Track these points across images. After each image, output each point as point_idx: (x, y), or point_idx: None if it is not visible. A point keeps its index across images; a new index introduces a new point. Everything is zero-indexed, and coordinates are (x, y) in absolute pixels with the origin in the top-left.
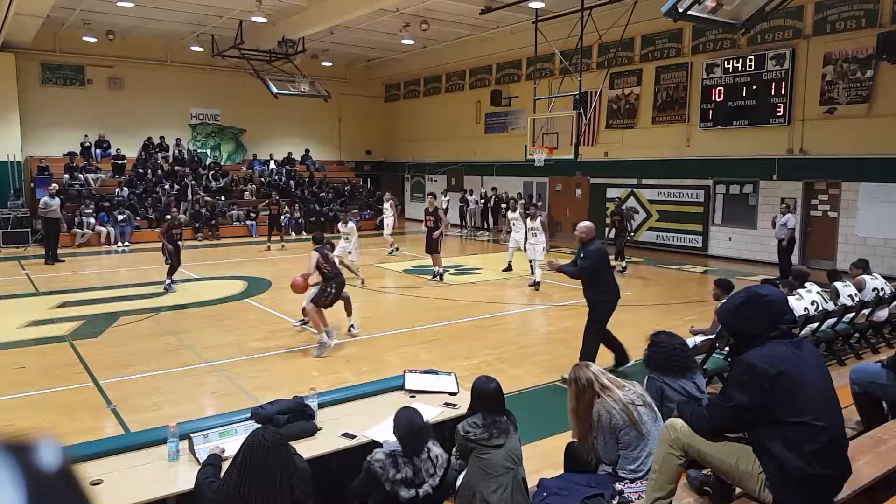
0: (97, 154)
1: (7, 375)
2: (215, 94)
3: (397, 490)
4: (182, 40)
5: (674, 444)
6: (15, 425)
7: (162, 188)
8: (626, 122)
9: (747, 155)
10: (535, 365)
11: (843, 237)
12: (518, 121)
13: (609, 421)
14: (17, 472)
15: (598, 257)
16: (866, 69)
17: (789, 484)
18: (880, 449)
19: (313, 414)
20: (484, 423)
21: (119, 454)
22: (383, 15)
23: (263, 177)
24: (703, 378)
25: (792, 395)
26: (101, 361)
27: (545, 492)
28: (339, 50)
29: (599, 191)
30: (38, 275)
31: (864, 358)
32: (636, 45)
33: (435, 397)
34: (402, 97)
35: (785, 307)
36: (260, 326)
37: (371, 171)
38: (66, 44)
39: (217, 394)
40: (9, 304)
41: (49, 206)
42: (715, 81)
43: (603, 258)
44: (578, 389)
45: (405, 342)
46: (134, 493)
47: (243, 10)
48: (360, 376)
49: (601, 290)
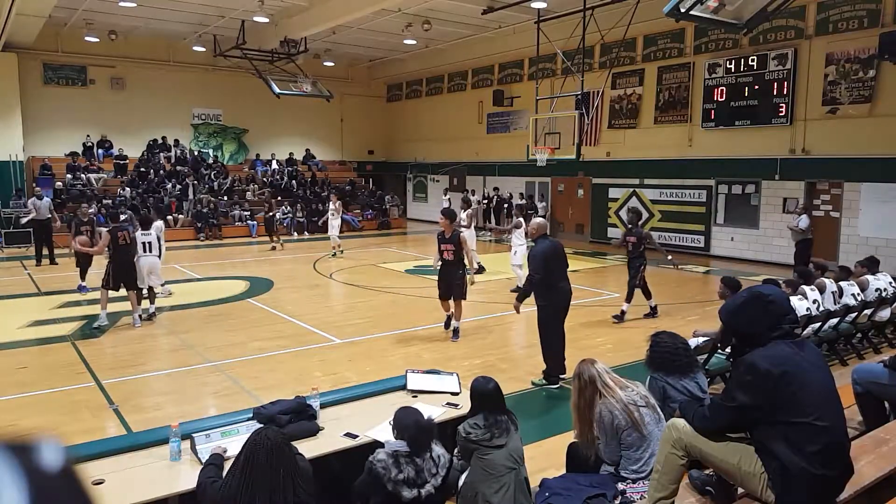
0: (99, 154)
1: (9, 375)
2: (217, 94)
3: (399, 490)
4: (184, 40)
5: (676, 444)
6: (17, 425)
7: (164, 188)
8: (628, 122)
9: (749, 155)
10: (538, 365)
11: (846, 237)
12: (520, 121)
13: (611, 421)
14: (19, 472)
15: (534, 261)
16: (868, 69)
17: (791, 484)
18: (882, 449)
19: (315, 414)
20: (485, 424)
21: (121, 454)
22: (385, 15)
23: (266, 177)
24: (705, 378)
25: (794, 395)
26: (103, 361)
27: (547, 492)
28: (342, 50)
29: (601, 191)
30: (39, 275)
31: (867, 358)
32: (638, 45)
33: (437, 397)
34: (404, 97)
35: (787, 307)
36: (262, 326)
37: (373, 171)
38: (69, 44)
39: (219, 394)
40: (11, 303)
41: (36, 208)
42: (717, 81)
43: (541, 259)
44: (580, 385)
45: (407, 342)
46: (136, 493)
47: (245, 10)
48: (362, 376)
49: (540, 294)
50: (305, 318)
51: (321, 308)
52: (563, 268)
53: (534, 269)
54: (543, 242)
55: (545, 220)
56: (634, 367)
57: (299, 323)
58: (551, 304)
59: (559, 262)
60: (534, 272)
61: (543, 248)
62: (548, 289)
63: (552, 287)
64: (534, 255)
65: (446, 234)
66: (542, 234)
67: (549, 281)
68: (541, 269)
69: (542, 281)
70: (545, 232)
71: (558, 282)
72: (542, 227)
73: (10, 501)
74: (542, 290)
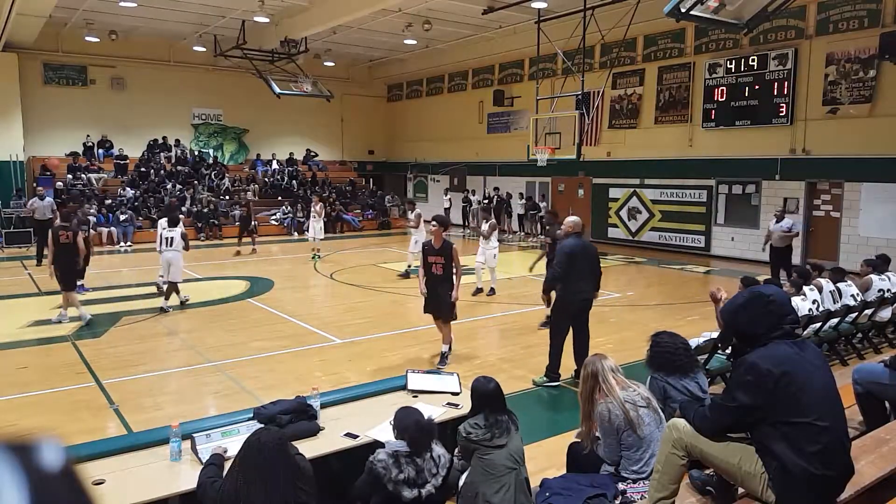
0: (100, 154)
1: (9, 375)
2: (218, 94)
3: (400, 490)
4: (184, 40)
5: (676, 445)
6: (17, 425)
7: (164, 188)
8: (628, 122)
9: (750, 155)
10: (539, 365)
11: (846, 237)
12: (521, 121)
13: (610, 421)
14: (19, 472)
15: (560, 256)
16: (869, 69)
17: (792, 484)
18: (883, 449)
19: (315, 414)
20: (486, 424)
21: (121, 454)
22: (386, 15)
23: (266, 177)
24: (705, 378)
25: (795, 395)
26: (103, 361)
27: (548, 492)
28: (342, 50)
29: (602, 191)
30: (40, 275)
31: (867, 358)
32: (639, 45)
33: (437, 397)
34: (404, 97)
35: (788, 307)
36: (262, 326)
37: (374, 171)
38: (69, 44)
39: (219, 394)
40: (11, 303)
41: (36, 207)
42: (717, 81)
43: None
44: (584, 376)
45: (407, 342)
46: (136, 493)
47: (246, 10)
48: (363, 376)
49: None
50: (306, 318)
51: (321, 308)
52: (586, 269)
53: (556, 263)
54: (572, 240)
55: (579, 219)
56: (635, 367)
57: (300, 323)
58: (564, 303)
59: (584, 263)
60: (556, 266)
61: (571, 246)
62: (565, 287)
63: (569, 287)
64: (560, 250)
65: (435, 245)
66: (576, 232)
67: (569, 280)
68: (563, 266)
69: (563, 278)
70: (578, 230)
71: (576, 282)
72: (576, 225)
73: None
74: (562, 286)
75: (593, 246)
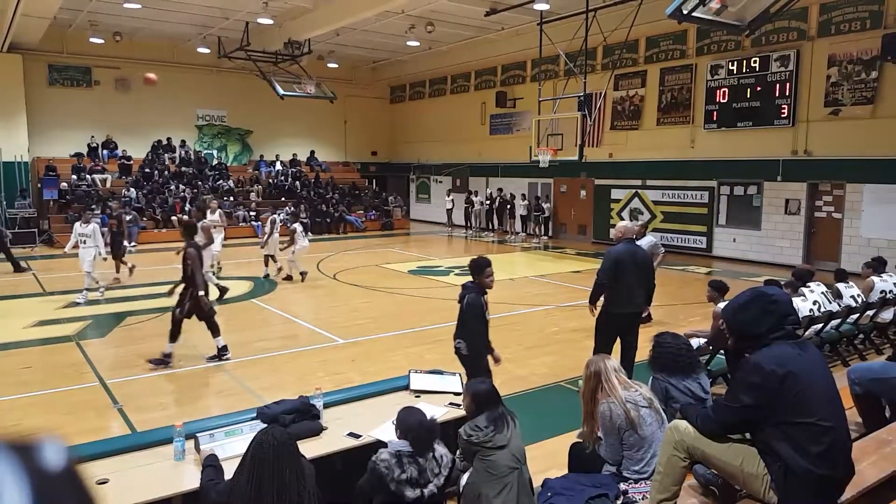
0: (104, 155)
1: (14, 375)
2: (222, 95)
3: (402, 490)
4: (189, 42)
5: (678, 446)
6: (21, 425)
7: (169, 189)
8: (630, 124)
9: (751, 156)
10: (541, 366)
11: (848, 238)
12: (523, 122)
13: (612, 420)
14: (22, 472)
15: (605, 262)
16: (871, 70)
17: (794, 485)
18: (884, 450)
19: (318, 414)
20: (486, 425)
21: (125, 454)
22: (389, 17)
23: (270, 178)
24: (707, 378)
25: (798, 396)
26: (107, 361)
27: (550, 492)
28: (345, 51)
29: (604, 192)
30: (44, 275)
31: (869, 359)
32: (641, 47)
33: (440, 397)
34: (407, 98)
35: (789, 308)
36: (266, 327)
37: (376, 171)
38: (74, 45)
39: (223, 393)
40: (16, 304)
41: None
42: (719, 83)
43: (610, 263)
44: (587, 375)
45: (410, 342)
46: (140, 493)
47: (249, 12)
48: (366, 376)
49: (606, 297)
50: (309, 319)
51: (324, 308)
52: (635, 279)
53: (600, 270)
54: (621, 246)
55: (631, 225)
56: (636, 368)
57: (302, 323)
58: (609, 315)
59: (633, 272)
60: (599, 273)
61: (617, 252)
62: (610, 298)
63: (614, 298)
64: (606, 255)
65: None
66: (627, 238)
67: (615, 290)
68: (608, 272)
69: (609, 286)
70: (630, 237)
71: (624, 293)
72: (627, 231)
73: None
74: (607, 297)
75: (646, 253)
